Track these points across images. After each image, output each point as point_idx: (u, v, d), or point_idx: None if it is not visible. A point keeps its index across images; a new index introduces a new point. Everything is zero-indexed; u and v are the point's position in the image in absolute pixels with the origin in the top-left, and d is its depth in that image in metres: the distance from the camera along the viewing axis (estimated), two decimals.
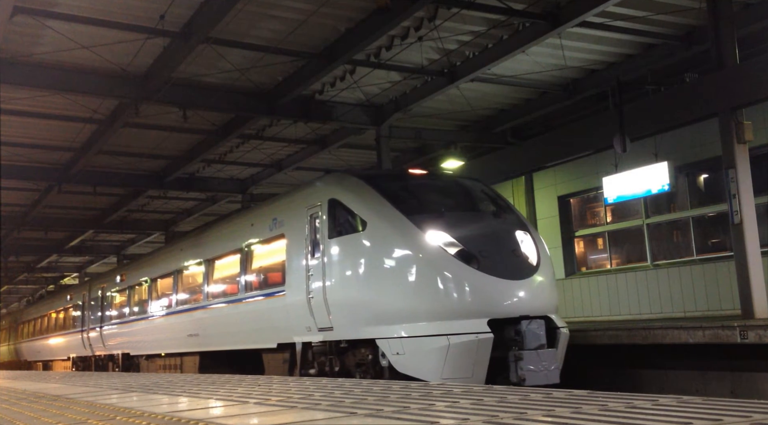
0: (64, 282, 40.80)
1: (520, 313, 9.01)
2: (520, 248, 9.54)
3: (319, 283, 10.25)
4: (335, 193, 10.45)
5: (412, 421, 3.82)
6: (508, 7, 11.82)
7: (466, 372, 8.54)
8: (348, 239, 9.95)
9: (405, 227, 9.37)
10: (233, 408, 5.23)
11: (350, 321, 9.72)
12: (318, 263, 10.34)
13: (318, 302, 10.23)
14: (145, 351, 18.48)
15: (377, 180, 10.49)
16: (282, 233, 11.66)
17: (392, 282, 9.29)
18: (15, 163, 19.25)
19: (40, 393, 8.37)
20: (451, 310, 8.85)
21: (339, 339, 10.03)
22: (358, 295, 9.65)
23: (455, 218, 9.71)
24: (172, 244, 18.60)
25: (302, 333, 10.81)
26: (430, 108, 16.94)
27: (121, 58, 13.38)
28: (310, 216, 10.80)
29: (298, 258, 10.98)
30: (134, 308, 19.49)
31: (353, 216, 9.94)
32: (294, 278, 11.03)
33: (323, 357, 10.53)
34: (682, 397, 4.40)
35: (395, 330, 9.04)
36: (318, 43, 13.26)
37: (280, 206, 12.35)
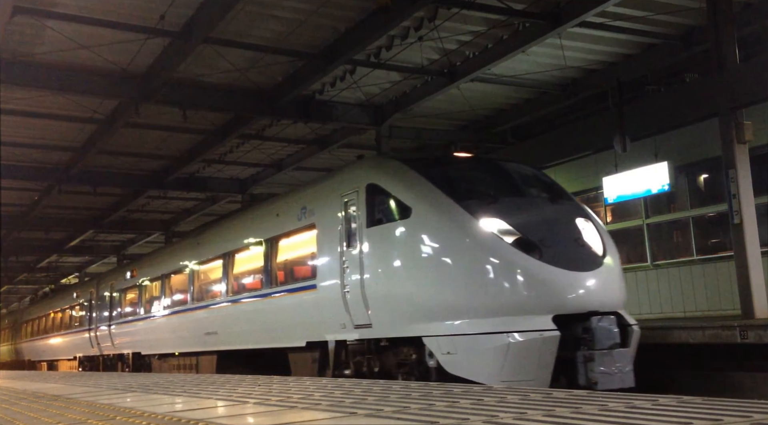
0: (63, 282, 40.77)
1: (588, 308, 8.10)
2: (583, 236, 8.63)
3: (356, 276, 9.44)
4: (374, 178, 9.62)
5: (412, 421, 3.82)
6: (508, 7, 11.83)
7: (528, 374, 7.69)
8: (390, 228, 9.12)
9: (456, 214, 8.51)
10: (233, 408, 5.23)
11: (392, 317, 8.93)
12: (354, 255, 9.53)
13: (355, 297, 9.44)
14: (157, 351, 17.67)
15: (421, 164, 9.64)
16: (312, 223, 10.85)
17: (443, 274, 8.43)
18: (15, 163, 19.27)
19: (40, 393, 8.37)
20: (510, 305, 7.99)
21: (379, 336, 9.24)
22: (401, 289, 8.82)
23: (510, 203, 8.82)
24: (188, 238, 17.66)
25: (336, 331, 10.02)
26: (430, 108, 16.94)
27: (121, 58, 13.39)
28: (344, 204, 9.97)
29: (330, 250, 10.18)
30: (146, 305, 18.65)
31: (396, 202, 9.12)
32: (326, 271, 10.24)
33: (359, 357, 9.73)
34: (682, 397, 4.40)
35: (446, 327, 8.21)
36: (318, 43, 13.26)
37: (309, 194, 11.50)
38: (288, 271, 12.07)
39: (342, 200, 10.02)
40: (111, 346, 21.01)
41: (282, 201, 12.78)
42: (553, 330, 7.78)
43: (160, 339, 17.25)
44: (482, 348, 7.92)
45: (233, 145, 19.34)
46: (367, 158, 12.32)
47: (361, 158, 11.94)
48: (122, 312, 20.36)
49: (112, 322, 20.86)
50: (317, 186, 11.51)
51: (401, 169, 9.54)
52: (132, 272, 19.79)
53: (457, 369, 8.09)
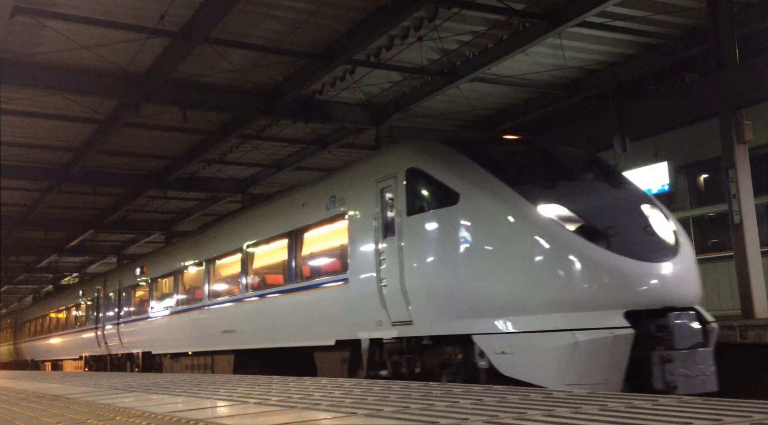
0: (64, 282, 40.74)
1: (664, 303, 7.25)
2: (652, 223, 7.84)
3: (394, 269, 8.72)
4: (416, 161, 8.87)
5: (412, 421, 3.82)
6: (508, 7, 11.83)
7: (597, 376, 6.92)
8: (434, 216, 8.41)
9: (510, 199, 7.78)
10: (233, 408, 5.23)
11: (436, 313, 8.23)
12: (393, 246, 8.80)
13: (393, 291, 8.73)
14: (169, 350, 16.91)
15: (468, 146, 8.89)
16: (343, 212, 10.10)
17: (497, 266, 7.69)
18: (15, 163, 19.28)
19: (40, 393, 8.37)
20: (576, 299, 7.19)
21: (420, 334, 8.53)
22: (448, 282, 8.09)
23: (569, 188, 8.09)
24: (202, 231, 16.74)
25: (370, 328, 9.30)
26: (430, 108, 16.95)
27: (121, 58, 13.39)
28: (380, 191, 9.23)
29: (365, 240, 9.45)
30: (158, 302, 17.85)
31: (441, 188, 8.37)
32: (359, 263, 9.53)
33: (396, 356, 9.04)
34: (682, 397, 4.40)
35: (501, 324, 7.49)
36: (318, 43, 13.26)
37: (339, 181, 10.73)
38: (314, 265, 11.37)
39: (377, 187, 9.31)
40: (119, 345, 20.31)
41: (308, 190, 11.95)
42: (627, 328, 6.94)
43: (173, 338, 16.61)
44: (544, 348, 7.19)
45: (233, 145, 19.35)
46: (406, 140, 11.31)
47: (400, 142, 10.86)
48: (131, 310, 19.63)
49: (121, 320, 20.15)
50: (348, 173, 10.78)
51: (446, 151, 8.79)
52: (142, 269, 19.10)
53: (512, 370, 7.40)
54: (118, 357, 20.85)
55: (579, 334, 7.00)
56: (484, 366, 7.67)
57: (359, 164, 10.65)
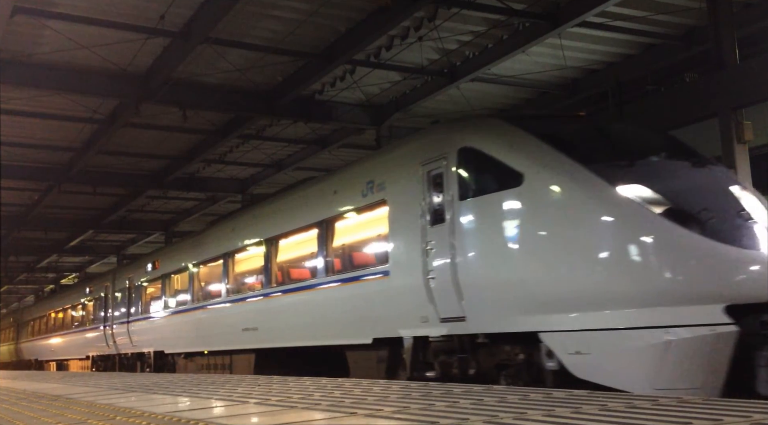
0: (65, 282, 40.72)
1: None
2: (746, 207, 6.92)
3: (444, 259, 7.95)
4: (470, 140, 8.09)
5: (412, 421, 3.82)
6: (508, 7, 11.83)
7: (693, 380, 6.07)
8: (493, 199, 7.58)
9: (585, 179, 6.93)
10: (233, 408, 5.23)
11: (496, 308, 7.45)
12: (443, 234, 8.04)
13: (443, 284, 7.95)
14: (183, 349, 16.12)
15: (530, 122, 8.15)
16: (382, 198, 9.31)
17: (571, 255, 6.82)
18: (15, 163, 19.27)
19: (40, 393, 8.37)
20: (667, 292, 6.29)
21: (475, 332, 7.73)
22: (510, 273, 7.29)
23: (650, 167, 7.23)
24: (219, 224, 15.95)
25: (414, 325, 8.52)
26: (430, 108, 16.94)
27: (121, 58, 13.39)
28: (427, 174, 8.46)
29: (408, 229, 8.66)
30: (171, 299, 17.08)
31: (502, 168, 7.56)
32: (402, 254, 8.78)
33: (445, 356, 8.29)
34: (682, 397, 4.40)
35: (576, 321, 6.67)
36: (318, 43, 13.26)
37: (377, 165, 9.91)
38: (348, 257, 10.66)
39: (423, 170, 8.53)
40: (129, 344, 19.51)
41: (340, 176, 11.09)
42: (729, 324, 6.07)
43: (187, 336, 15.80)
44: (630, 347, 6.31)
45: (233, 145, 19.35)
46: (456, 120, 10.49)
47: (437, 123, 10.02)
48: (142, 308, 18.84)
49: (131, 318, 19.34)
50: (387, 156, 9.99)
51: (506, 128, 8.00)
52: (154, 264, 18.32)
53: (590, 372, 6.56)
54: (127, 357, 20.15)
55: (673, 332, 6.13)
56: (553, 368, 6.89)
57: (401, 146, 9.86)
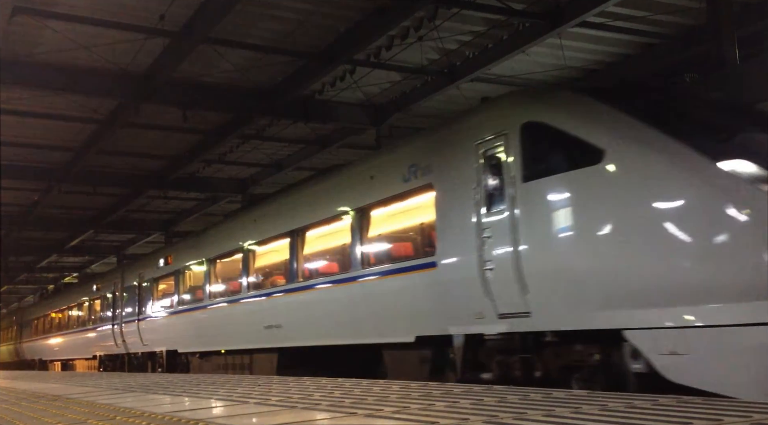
0: (68, 280, 40.68)
1: None
2: None
3: (505, 248, 7.20)
4: (536, 114, 7.34)
5: (412, 421, 3.82)
6: (508, 7, 11.83)
7: None
8: (565, 180, 6.77)
9: (679, 154, 6.05)
10: (233, 408, 5.23)
11: (568, 302, 6.68)
12: (502, 220, 7.28)
13: (503, 276, 7.22)
14: (198, 348, 15.43)
15: (607, 93, 7.36)
16: (428, 183, 8.59)
17: (665, 240, 5.90)
18: (15, 163, 19.28)
19: (40, 393, 8.37)
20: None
21: (543, 329, 6.97)
22: (588, 262, 6.46)
23: (752, 141, 6.37)
24: (238, 215, 15.12)
25: (466, 322, 7.81)
26: (430, 108, 16.93)
27: (121, 58, 13.39)
28: (482, 154, 7.71)
29: (460, 216, 7.92)
30: (185, 295, 16.38)
31: (576, 144, 6.77)
32: (453, 243, 8.05)
33: (502, 356, 7.52)
34: (682, 397, 4.41)
35: (672, 316, 5.84)
36: (318, 43, 13.26)
37: (422, 147, 9.13)
38: (388, 248, 9.98)
39: (478, 150, 7.78)
40: (139, 343, 18.76)
41: (377, 161, 10.40)
42: None
43: (203, 335, 15.10)
44: (738, 348, 5.51)
45: (233, 145, 19.35)
46: (517, 91, 9.55)
47: (488, 99, 9.15)
48: (154, 305, 18.12)
49: (142, 316, 18.58)
50: (433, 137, 9.20)
51: (578, 100, 7.23)
52: (167, 260, 17.58)
53: (686, 375, 5.75)
54: (137, 357, 19.42)
55: None
56: (640, 370, 6.10)
57: (449, 126, 9.03)
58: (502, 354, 7.51)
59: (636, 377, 6.17)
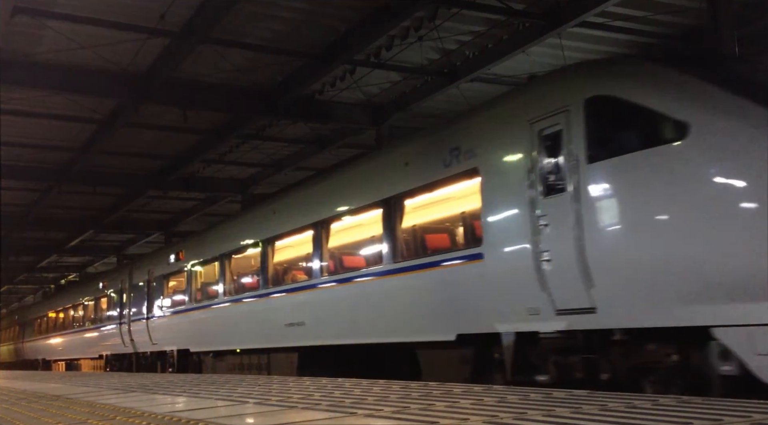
0: (63, 282, 40.70)
1: None
2: None
3: (566, 236, 6.53)
4: (606, 86, 6.66)
5: (412, 421, 3.82)
6: (508, 7, 11.83)
7: None
8: (643, 159, 6.05)
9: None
10: (233, 408, 5.23)
11: (644, 296, 5.97)
12: (563, 205, 6.61)
13: (563, 266, 6.55)
14: (212, 347, 14.89)
15: (686, 61, 6.80)
16: (473, 167, 7.92)
17: (762, 226, 5.24)
18: (15, 163, 19.28)
19: (40, 393, 8.37)
20: None
21: (612, 326, 6.29)
22: (670, 251, 5.76)
23: None
24: (256, 208, 14.55)
25: (517, 319, 7.18)
26: (430, 108, 16.93)
27: (121, 58, 13.39)
28: (538, 133, 7.05)
29: (511, 202, 7.28)
30: (198, 292, 15.85)
31: (656, 119, 6.10)
32: (501, 233, 7.40)
33: (560, 357, 6.88)
34: (682, 397, 4.41)
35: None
36: (318, 43, 13.26)
37: (465, 129, 8.45)
38: (422, 239, 9.39)
39: (533, 129, 7.12)
40: (148, 342, 18.23)
41: (413, 145, 9.65)
42: None
43: (217, 333, 14.56)
44: None
45: (233, 145, 19.35)
46: (574, 64, 8.99)
47: (534, 77, 8.46)
48: (164, 303, 17.56)
49: (151, 314, 18.04)
50: (479, 117, 8.45)
51: (656, 70, 6.54)
52: (178, 255, 17.00)
53: None
54: (146, 356, 18.88)
55: None
56: (730, 372, 5.52)
57: (497, 105, 8.33)
58: (559, 354, 6.88)
59: (723, 380, 5.62)
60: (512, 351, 7.20)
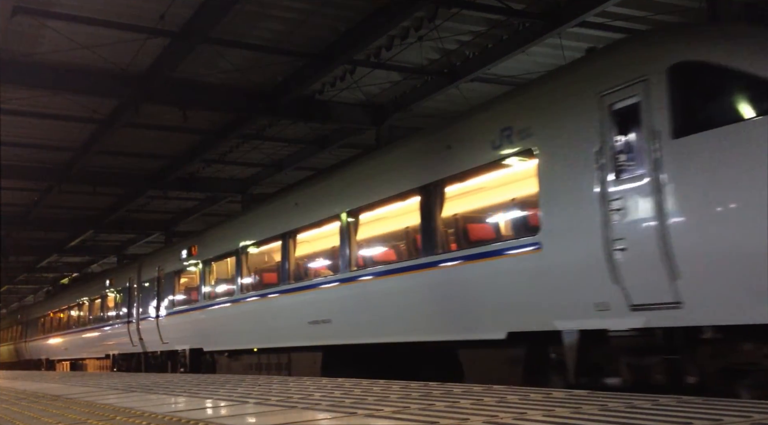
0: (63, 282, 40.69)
1: None
2: None
3: (645, 222, 5.86)
4: (693, 51, 5.96)
5: (412, 421, 3.82)
6: (507, 7, 11.83)
7: None
8: (745, 132, 5.40)
9: None
10: (233, 408, 5.23)
11: (745, 289, 5.30)
12: (641, 186, 5.93)
13: (641, 256, 5.87)
14: (226, 346, 14.37)
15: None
16: (528, 148, 7.28)
17: None
18: (15, 163, 19.29)
19: (40, 393, 8.38)
20: None
21: (703, 323, 5.63)
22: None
23: None
24: (276, 199, 13.88)
25: (582, 315, 6.52)
26: (430, 108, 16.93)
27: (121, 58, 13.39)
28: (609, 106, 6.36)
29: (575, 184, 6.62)
30: (212, 289, 15.26)
31: (756, 87, 5.44)
32: (564, 220, 6.76)
33: (633, 357, 6.20)
34: (682, 397, 4.41)
35: None
36: (318, 43, 13.26)
37: (518, 106, 7.79)
38: (466, 228, 8.63)
39: (603, 102, 6.43)
40: (158, 342, 17.66)
41: (456, 126, 8.91)
42: None
43: (233, 332, 14.00)
44: None
45: (233, 145, 19.36)
46: (651, 29, 8.01)
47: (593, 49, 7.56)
48: (176, 300, 16.96)
49: (161, 312, 17.44)
50: (536, 91, 7.77)
51: (755, 32, 5.99)
52: (190, 250, 16.40)
53: None
54: (155, 356, 18.30)
55: None
56: None
57: (558, 77, 7.63)
58: (633, 354, 6.17)
59: None
60: (575, 350, 6.58)
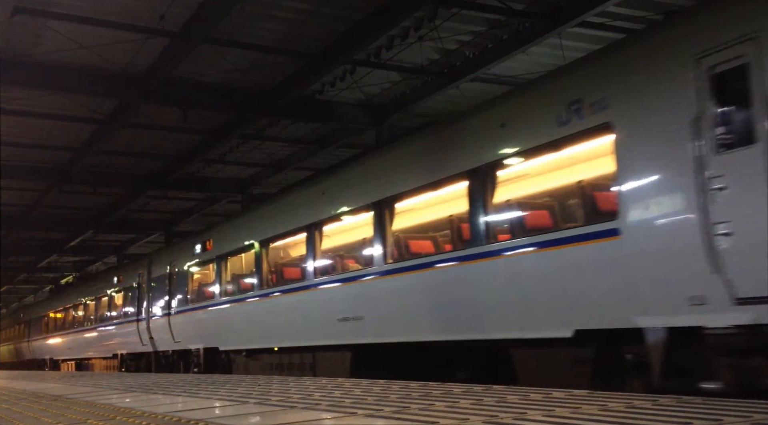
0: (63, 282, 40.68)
1: None
2: None
3: (757, 202, 5.16)
4: None
5: (412, 421, 3.82)
6: (508, 7, 11.83)
7: None
8: None
9: None
10: (233, 408, 5.23)
11: None
12: (751, 162, 5.26)
13: (753, 241, 5.21)
14: (244, 345, 13.65)
15: None
16: (604, 122, 6.51)
17: None
18: (15, 163, 19.28)
19: (40, 393, 8.38)
20: None
21: None
22: None
23: None
24: (301, 189, 13.14)
25: (671, 310, 5.81)
26: (430, 108, 16.94)
27: (121, 58, 13.39)
28: (707, 70, 5.64)
29: (665, 162, 5.90)
30: (229, 285, 14.59)
31: None
32: (650, 202, 6.02)
33: (736, 359, 5.48)
34: (682, 397, 4.40)
35: None
36: (318, 43, 13.26)
37: (590, 76, 6.99)
38: (529, 214, 7.84)
39: (700, 65, 5.67)
40: (170, 340, 16.96)
41: (512, 102, 8.17)
42: None
43: (252, 330, 13.29)
44: None
45: (233, 145, 19.36)
46: None
47: None
48: (189, 297, 16.24)
49: (174, 310, 16.77)
50: (612, 57, 6.94)
51: None
52: (205, 245, 15.74)
53: None
54: (166, 356, 17.66)
55: None
56: None
57: (640, 39, 6.83)
58: (733, 355, 5.46)
59: None
60: (661, 350, 5.84)
